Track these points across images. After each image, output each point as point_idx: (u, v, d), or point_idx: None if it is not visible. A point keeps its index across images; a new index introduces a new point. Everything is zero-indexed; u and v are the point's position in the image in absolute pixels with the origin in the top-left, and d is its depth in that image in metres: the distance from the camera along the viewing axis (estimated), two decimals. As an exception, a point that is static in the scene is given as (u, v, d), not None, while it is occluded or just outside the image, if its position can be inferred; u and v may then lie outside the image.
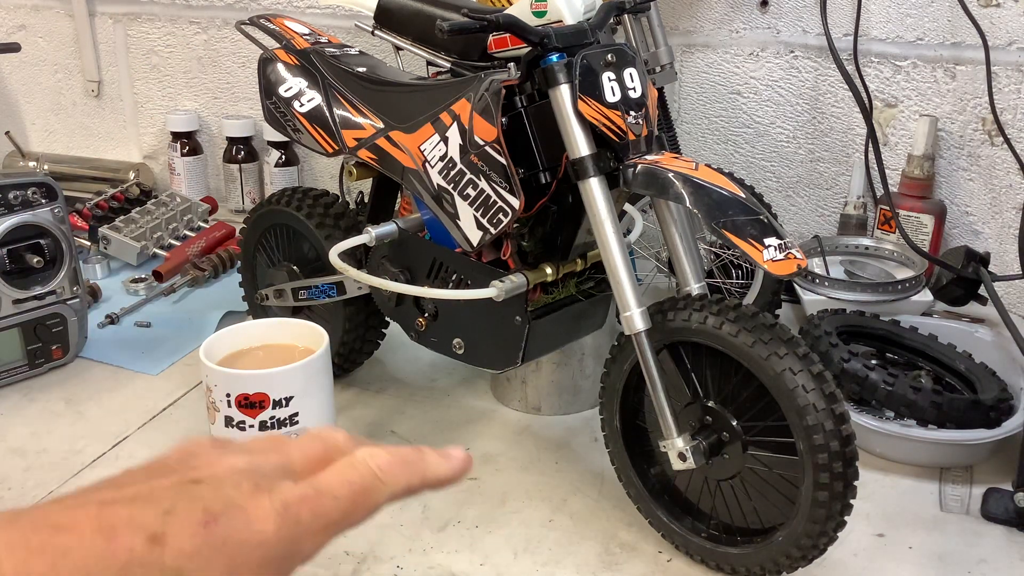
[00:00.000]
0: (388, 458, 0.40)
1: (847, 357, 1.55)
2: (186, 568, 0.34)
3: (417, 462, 0.41)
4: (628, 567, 1.32)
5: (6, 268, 1.71)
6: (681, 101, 2.24)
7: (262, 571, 0.36)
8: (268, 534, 0.36)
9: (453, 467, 0.42)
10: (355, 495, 0.39)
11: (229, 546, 0.35)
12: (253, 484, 0.37)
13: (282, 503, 0.37)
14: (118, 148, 2.85)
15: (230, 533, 0.35)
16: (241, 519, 0.36)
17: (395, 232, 1.49)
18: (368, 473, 0.40)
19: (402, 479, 0.40)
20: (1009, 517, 1.39)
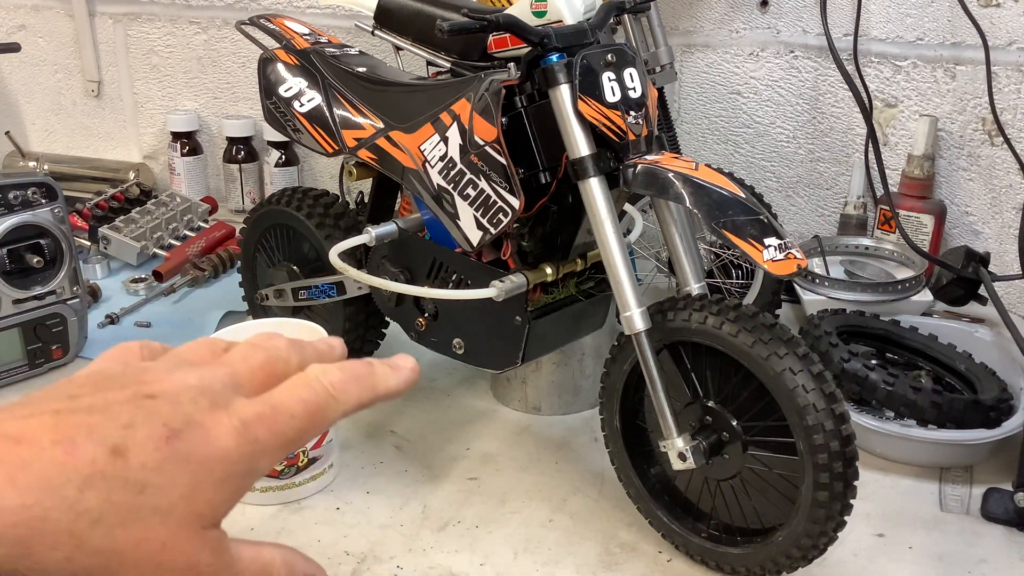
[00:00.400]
0: (340, 375, 0.40)
1: (847, 357, 1.55)
2: (150, 481, 0.34)
3: (368, 376, 0.42)
4: (628, 567, 1.32)
5: (6, 268, 1.71)
6: (681, 101, 2.24)
7: (222, 486, 0.36)
8: (229, 450, 0.36)
9: (402, 378, 0.43)
10: (310, 414, 0.39)
11: (191, 462, 0.35)
12: (210, 401, 0.37)
13: (240, 421, 0.37)
14: (118, 148, 2.85)
15: (192, 449, 0.35)
16: (201, 435, 0.36)
17: (395, 232, 1.49)
18: (322, 391, 0.40)
19: (354, 395, 0.41)
20: (1009, 517, 1.39)
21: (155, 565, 0.35)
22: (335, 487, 1.49)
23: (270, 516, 1.41)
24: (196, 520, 0.36)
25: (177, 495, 0.35)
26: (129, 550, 0.34)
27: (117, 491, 0.34)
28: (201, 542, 0.36)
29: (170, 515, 0.35)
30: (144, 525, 0.34)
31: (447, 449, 1.60)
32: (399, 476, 1.52)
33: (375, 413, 1.71)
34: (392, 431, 1.65)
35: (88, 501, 0.33)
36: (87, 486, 0.33)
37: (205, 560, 0.36)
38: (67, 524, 0.33)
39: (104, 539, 0.34)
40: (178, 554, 0.35)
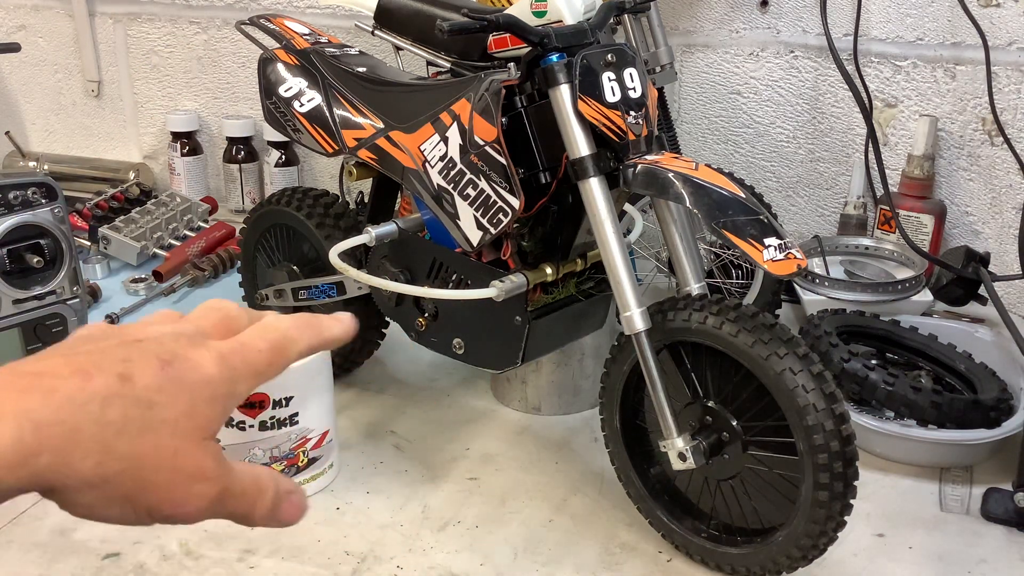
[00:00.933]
0: (291, 322, 0.48)
1: (847, 357, 1.55)
2: (156, 400, 0.41)
3: (315, 324, 0.50)
4: (628, 567, 1.32)
5: (6, 268, 1.71)
6: (681, 101, 2.24)
7: (213, 404, 0.43)
8: (212, 375, 0.43)
9: (343, 327, 0.51)
10: (273, 349, 0.46)
11: (185, 383, 0.42)
12: (188, 340, 0.44)
13: (218, 353, 0.44)
14: (118, 148, 2.85)
15: (183, 374, 0.42)
16: (189, 364, 0.42)
17: (395, 232, 1.49)
18: (280, 333, 0.47)
19: (306, 337, 0.48)
20: (1009, 517, 1.39)
21: (171, 468, 0.41)
22: (335, 487, 1.49)
23: (270, 516, 1.41)
24: (197, 432, 0.42)
25: (179, 411, 0.41)
26: (149, 455, 0.40)
27: (131, 408, 0.40)
28: (204, 451, 0.42)
29: (177, 427, 0.41)
30: (158, 435, 0.41)
31: (447, 449, 1.60)
32: (399, 476, 1.52)
33: (375, 413, 1.71)
34: (392, 431, 1.65)
35: (110, 415, 0.39)
36: (107, 404, 0.39)
37: (210, 465, 0.42)
38: (96, 434, 0.39)
39: (128, 447, 0.40)
40: (189, 459, 0.41)
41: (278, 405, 1.38)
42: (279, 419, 1.38)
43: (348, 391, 1.77)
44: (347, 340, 0.51)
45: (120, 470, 0.40)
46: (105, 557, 1.33)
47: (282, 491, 0.46)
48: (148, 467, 0.41)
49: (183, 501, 0.42)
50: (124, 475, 0.40)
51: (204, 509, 0.43)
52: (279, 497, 0.46)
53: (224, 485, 0.43)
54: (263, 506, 0.45)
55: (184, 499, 0.42)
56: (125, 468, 0.40)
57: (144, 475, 0.40)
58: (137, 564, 1.31)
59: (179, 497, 0.42)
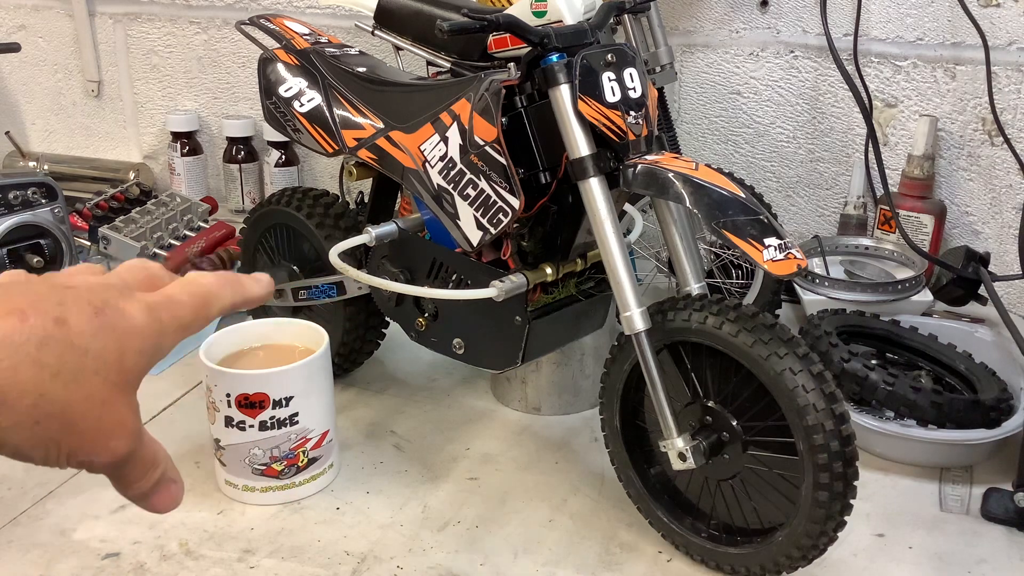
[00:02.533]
0: (215, 278, 0.49)
1: (847, 357, 1.55)
2: (89, 347, 0.41)
3: (236, 283, 0.50)
4: (628, 567, 1.32)
5: (6, 268, 1.71)
6: (681, 101, 2.24)
7: (140, 356, 0.43)
8: (141, 326, 0.44)
9: (262, 286, 0.52)
10: (197, 303, 0.47)
11: (116, 331, 0.42)
12: (117, 291, 0.44)
13: (146, 304, 0.44)
14: (118, 148, 2.85)
15: (115, 322, 0.43)
16: (119, 313, 0.43)
17: (395, 232, 1.49)
18: (203, 288, 0.48)
19: (228, 293, 0.49)
20: (1009, 517, 1.39)
21: (96, 418, 0.42)
22: (335, 487, 1.49)
23: (270, 516, 1.41)
24: (126, 384, 0.43)
25: (110, 359, 0.42)
26: (80, 402, 0.41)
27: (67, 352, 0.41)
28: (128, 404, 0.43)
29: (107, 376, 0.42)
30: (89, 383, 0.41)
31: (447, 449, 1.60)
32: (399, 476, 1.52)
33: (375, 413, 1.71)
34: (392, 431, 1.65)
35: (46, 358, 0.40)
36: (43, 346, 0.40)
37: (131, 419, 0.43)
38: (33, 375, 0.40)
39: (62, 391, 0.40)
40: (114, 411, 0.42)
41: (278, 405, 1.38)
42: (279, 419, 1.38)
43: (348, 391, 1.77)
44: (265, 300, 0.52)
45: (52, 413, 0.40)
46: (105, 557, 1.33)
47: (168, 475, 0.47)
48: (77, 413, 0.41)
49: (100, 451, 0.43)
50: (54, 418, 0.40)
51: (112, 464, 0.43)
52: (163, 479, 0.47)
53: (135, 448, 0.44)
54: (148, 480, 0.46)
55: (102, 449, 0.43)
56: (57, 411, 0.40)
57: (73, 420, 0.41)
58: (137, 564, 1.31)
59: (98, 447, 0.42)
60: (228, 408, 1.37)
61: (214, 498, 1.45)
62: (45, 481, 1.50)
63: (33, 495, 1.46)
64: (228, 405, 1.37)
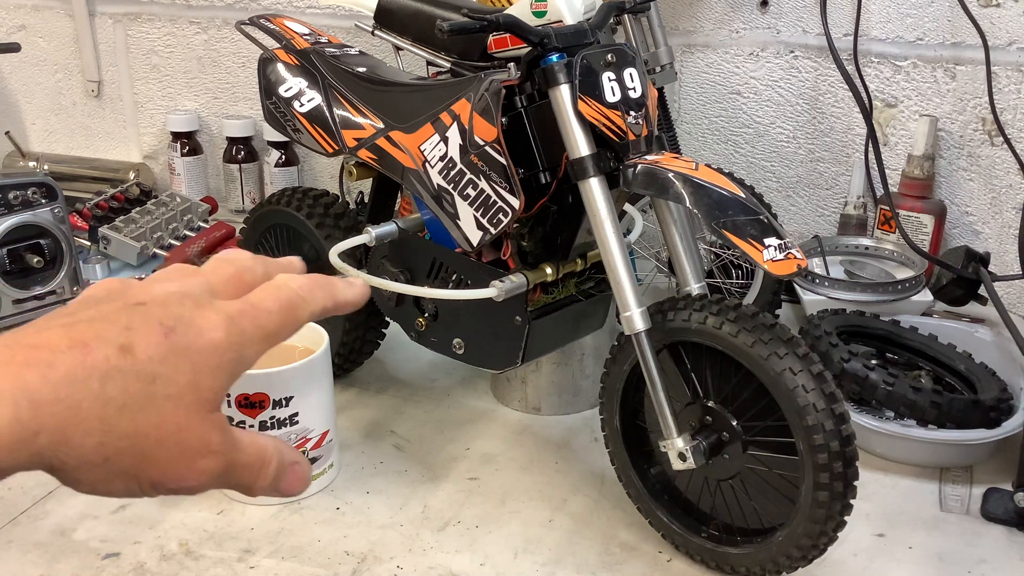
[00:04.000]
0: (305, 281, 0.46)
1: (847, 357, 1.55)
2: (158, 372, 0.39)
3: (328, 285, 0.47)
4: (628, 567, 1.32)
5: (6, 268, 1.71)
6: (681, 101, 2.24)
7: (218, 373, 0.41)
8: (219, 341, 0.41)
9: (356, 292, 0.48)
10: (284, 310, 0.44)
11: (189, 352, 0.40)
12: (194, 302, 0.42)
13: (226, 315, 0.42)
14: (118, 148, 2.85)
15: (188, 341, 0.40)
16: (194, 330, 0.40)
17: (395, 232, 1.49)
18: (292, 293, 0.45)
19: (319, 298, 0.46)
20: (1009, 517, 1.39)
21: (175, 444, 0.39)
22: (335, 487, 1.49)
23: (270, 516, 1.41)
24: (202, 404, 0.40)
25: (183, 383, 0.40)
26: (152, 432, 0.39)
27: (132, 382, 0.38)
28: (210, 424, 0.41)
29: (180, 400, 0.39)
30: (160, 410, 0.39)
31: (447, 449, 1.60)
32: (399, 476, 1.52)
33: (375, 413, 1.71)
34: (392, 431, 1.65)
35: (111, 391, 0.38)
36: (107, 379, 0.38)
37: (215, 439, 0.41)
38: (97, 412, 0.37)
39: (129, 424, 0.38)
40: (193, 434, 0.40)
41: (278, 405, 1.38)
42: (279, 419, 1.38)
43: (348, 391, 1.77)
44: (360, 305, 0.49)
45: (122, 448, 0.38)
46: (105, 557, 1.33)
47: (286, 461, 0.45)
48: (151, 443, 0.39)
49: (186, 475, 0.41)
50: (125, 453, 0.39)
51: (207, 483, 0.42)
52: (282, 467, 0.44)
53: (229, 459, 0.42)
54: (265, 477, 0.44)
55: (188, 474, 0.40)
56: (127, 446, 0.38)
57: (147, 451, 0.39)
58: (137, 564, 1.31)
59: (183, 472, 0.40)
60: (228, 408, 1.37)
61: (214, 498, 1.45)
62: (45, 481, 1.50)
63: (33, 495, 1.46)
64: (228, 405, 1.37)
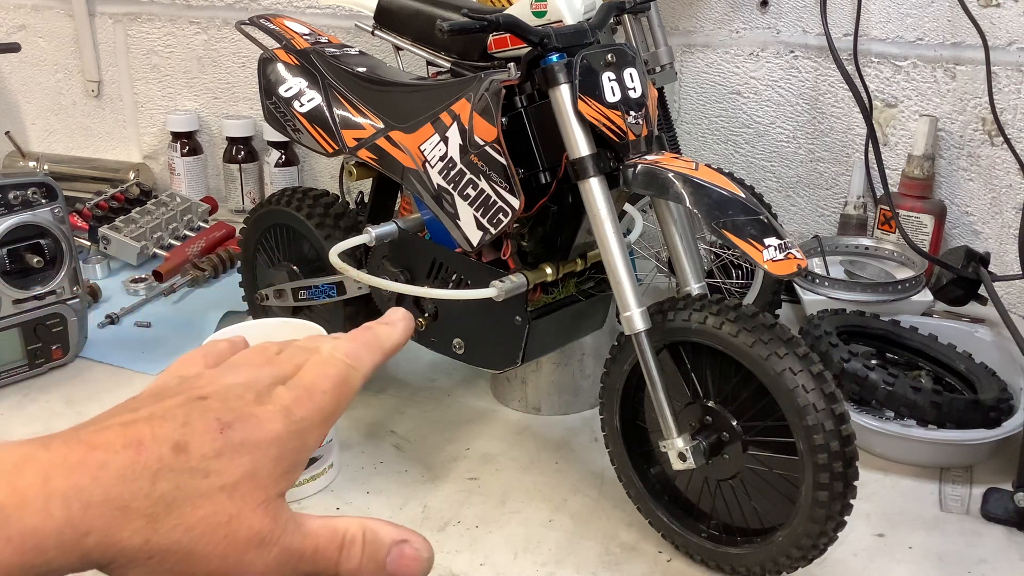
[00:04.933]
0: (350, 345, 0.46)
1: (847, 357, 1.55)
2: (212, 468, 0.39)
3: (373, 340, 0.47)
4: (628, 567, 1.32)
5: (6, 268, 1.71)
6: (681, 101, 2.24)
7: (279, 462, 0.41)
8: (278, 432, 0.41)
9: (400, 330, 0.49)
10: (338, 385, 0.44)
11: (246, 446, 0.40)
12: (255, 395, 0.42)
13: (283, 407, 0.42)
14: (118, 148, 2.85)
15: (244, 436, 0.40)
16: (252, 424, 0.41)
17: (395, 232, 1.49)
18: (341, 364, 0.45)
19: (367, 359, 0.46)
20: (1009, 517, 1.39)
21: (223, 537, 0.39)
22: (335, 487, 1.49)
23: (270, 516, 1.41)
24: (259, 493, 0.40)
25: (239, 475, 0.40)
26: (198, 525, 0.39)
27: (185, 479, 0.39)
28: (263, 512, 0.40)
29: (235, 491, 0.40)
30: (212, 502, 0.39)
31: (447, 449, 1.60)
32: (399, 476, 1.52)
33: (375, 413, 1.71)
34: (392, 431, 1.65)
35: (161, 490, 0.38)
36: (158, 478, 0.38)
37: (267, 526, 0.40)
38: (145, 510, 0.38)
39: (176, 519, 0.38)
40: (243, 525, 0.40)
41: (278, 405, 1.37)
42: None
43: (348, 391, 1.77)
44: (407, 338, 0.49)
45: (167, 545, 0.38)
46: (105, 557, 1.33)
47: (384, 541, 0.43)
48: (196, 537, 0.39)
49: (237, 571, 0.40)
50: (170, 550, 0.38)
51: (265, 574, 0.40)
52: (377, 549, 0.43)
53: (284, 545, 0.41)
54: (351, 561, 0.42)
55: (237, 568, 0.40)
56: (172, 542, 0.38)
57: (192, 546, 0.39)
58: (137, 564, 1.31)
59: (231, 567, 0.40)
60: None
61: (214, 498, 1.45)
62: (45, 481, 1.50)
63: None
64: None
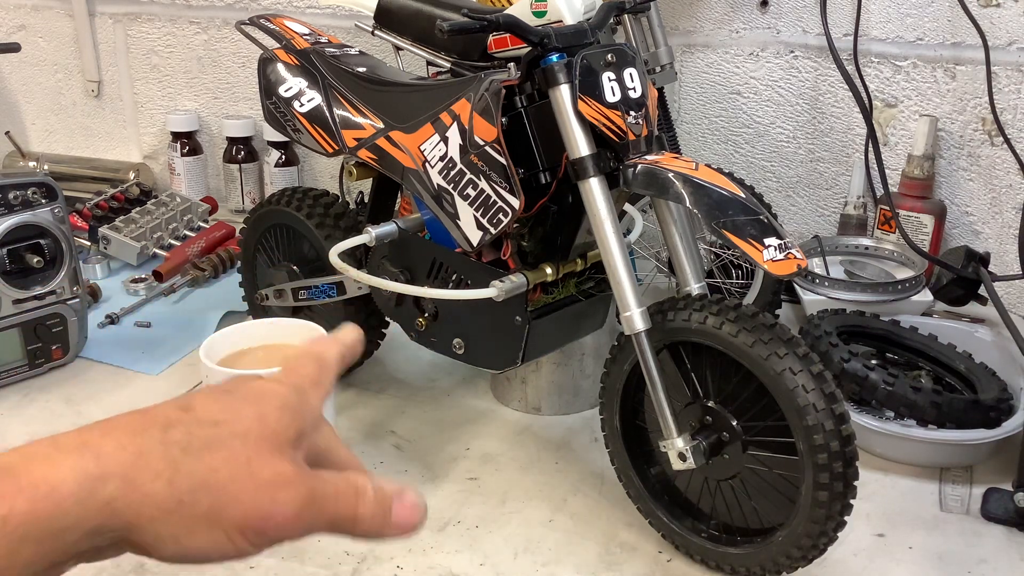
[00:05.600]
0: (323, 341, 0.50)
1: (847, 357, 1.55)
2: (220, 419, 0.41)
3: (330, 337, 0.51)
4: (628, 567, 1.32)
5: (6, 268, 1.71)
6: (681, 101, 2.24)
7: (284, 412, 0.43)
8: (275, 387, 0.44)
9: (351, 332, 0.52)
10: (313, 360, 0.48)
11: (248, 399, 0.42)
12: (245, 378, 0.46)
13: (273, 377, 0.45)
14: (118, 148, 2.85)
15: (245, 392, 0.43)
16: (251, 384, 0.44)
17: (395, 232, 1.49)
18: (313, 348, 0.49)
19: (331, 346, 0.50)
20: (1009, 517, 1.39)
21: (247, 476, 0.40)
22: (335, 487, 1.49)
23: (270, 516, 1.41)
24: (271, 438, 0.42)
25: (248, 422, 0.41)
26: (221, 466, 0.40)
27: (194, 428, 0.40)
28: (281, 456, 0.42)
29: (248, 436, 0.41)
30: (227, 446, 0.40)
31: (447, 449, 1.60)
32: (399, 476, 1.52)
33: (375, 413, 1.71)
34: (392, 431, 1.65)
35: (173, 436, 0.40)
36: (169, 426, 0.40)
37: (288, 470, 0.41)
38: (161, 453, 0.39)
39: (196, 461, 0.39)
40: (264, 466, 0.41)
41: (278, 405, 1.37)
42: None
43: (348, 391, 1.77)
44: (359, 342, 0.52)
45: (194, 486, 0.39)
46: (105, 557, 1.33)
47: (386, 491, 0.44)
48: (223, 478, 0.39)
49: (270, 509, 0.40)
50: (199, 492, 0.39)
51: (298, 516, 0.41)
52: (384, 498, 0.44)
53: (310, 486, 0.42)
54: (366, 506, 0.43)
55: (270, 506, 0.40)
56: (198, 483, 0.39)
57: (220, 486, 0.39)
58: (137, 564, 1.31)
59: (264, 505, 0.40)
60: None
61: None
62: (45, 481, 1.50)
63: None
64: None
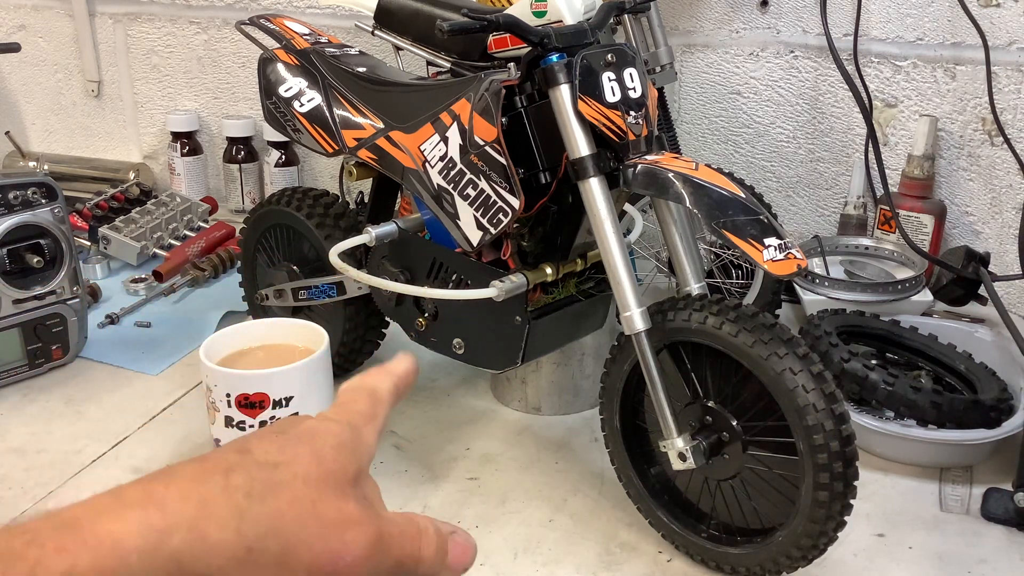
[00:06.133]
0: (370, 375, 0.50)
1: (847, 357, 1.55)
2: (279, 460, 0.40)
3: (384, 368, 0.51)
4: (628, 567, 1.32)
5: (6, 268, 1.71)
6: (681, 101, 2.24)
7: (341, 451, 0.42)
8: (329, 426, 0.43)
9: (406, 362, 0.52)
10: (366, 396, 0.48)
11: (303, 439, 0.42)
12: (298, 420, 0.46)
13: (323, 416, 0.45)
14: (118, 148, 2.85)
15: (299, 434, 0.42)
16: (304, 424, 0.43)
17: (395, 232, 1.49)
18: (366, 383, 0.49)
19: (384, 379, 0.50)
20: (1009, 517, 1.39)
21: (314, 518, 0.40)
22: (335, 487, 1.49)
23: (270, 516, 1.41)
24: (331, 478, 0.41)
25: (306, 462, 0.41)
26: (287, 509, 0.39)
27: (255, 471, 0.40)
28: (343, 496, 0.41)
29: (309, 477, 0.40)
30: (291, 489, 0.40)
31: (447, 449, 1.60)
32: (399, 476, 1.52)
33: (375, 413, 1.71)
34: (392, 431, 1.65)
35: (235, 481, 0.39)
36: (230, 472, 0.39)
37: (354, 510, 0.41)
38: (226, 501, 0.38)
39: (261, 507, 0.38)
40: (330, 506, 0.40)
41: (278, 405, 1.38)
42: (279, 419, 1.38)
43: (348, 391, 1.77)
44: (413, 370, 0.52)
45: (262, 532, 0.38)
46: (105, 557, 1.33)
47: (443, 531, 0.45)
48: (290, 523, 0.39)
49: (340, 550, 0.40)
50: (268, 538, 0.38)
51: (368, 557, 0.41)
52: (441, 537, 0.44)
53: (377, 526, 0.41)
54: (429, 546, 0.43)
55: (340, 547, 0.40)
56: (266, 529, 0.38)
57: (289, 531, 0.39)
58: None
59: (334, 547, 0.40)
60: (228, 408, 1.37)
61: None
62: (45, 481, 1.50)
63: (33, 495, 1.46)
64: (228, 405, 1.37)
